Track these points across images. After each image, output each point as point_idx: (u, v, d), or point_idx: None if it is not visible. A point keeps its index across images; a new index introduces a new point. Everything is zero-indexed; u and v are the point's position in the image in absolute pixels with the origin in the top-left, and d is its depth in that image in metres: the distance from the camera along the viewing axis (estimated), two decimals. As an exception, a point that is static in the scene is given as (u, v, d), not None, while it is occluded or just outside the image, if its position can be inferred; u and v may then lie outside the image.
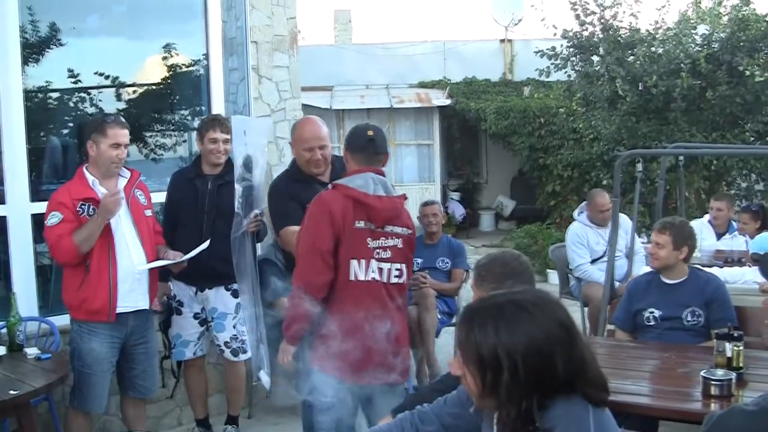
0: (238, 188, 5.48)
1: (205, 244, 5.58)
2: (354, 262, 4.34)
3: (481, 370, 2.30)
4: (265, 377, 5.65)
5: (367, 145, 4.53)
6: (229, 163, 5.92)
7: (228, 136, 5.84)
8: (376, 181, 4.42)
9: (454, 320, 7.51)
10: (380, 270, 4.40)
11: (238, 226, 5.50)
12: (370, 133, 4.56)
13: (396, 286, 4.48)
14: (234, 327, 5.97)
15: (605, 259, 7.29)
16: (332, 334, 4.35)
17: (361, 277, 4.36)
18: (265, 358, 5.70)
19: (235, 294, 5.94)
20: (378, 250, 4.40)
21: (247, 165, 5.49)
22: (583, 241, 8.31)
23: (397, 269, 4.46)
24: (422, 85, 19.49)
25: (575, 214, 8.68)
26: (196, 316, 6.03)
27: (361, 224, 4.35)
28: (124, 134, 5.17)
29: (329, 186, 4.51)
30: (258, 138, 5.60)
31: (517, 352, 2.24)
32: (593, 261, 8.23)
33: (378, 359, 4.33)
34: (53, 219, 5.00)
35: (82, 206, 5.05)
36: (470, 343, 2.32)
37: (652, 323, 5.44)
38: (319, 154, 5.31)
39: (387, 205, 4.40)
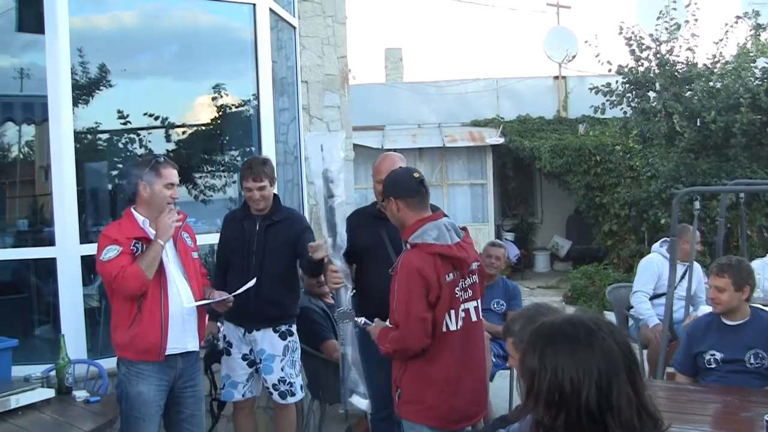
0: (324, 208, 5.30)
1: (252, 282, 5.59)
2: (446, 315, 4.47)
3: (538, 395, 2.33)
4: (361, 401, 5.39)
5: (419, 188, 4.59)
6: (277, 204, 5.97)
7: (263, 183, 5.82)
8: (448, 227, 4.53)
9: (508, 363, 7.45)
10: (467, 312, 4.56)
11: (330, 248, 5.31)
12: (417, 174, 4.62)
13: (480, 322, 4.70)
14: (282, 369, 5.96)
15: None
16: (428, 385, 4.51)
17: (453, 327, 4.49)
18: (361, 381, 5.45)
19: (283, 336, 5.96)
20: (462, 293, 4.54)
21: (330, 180, 5.28)
22: (655, 272, 8.17)
23: (479, 305, 4.68)
24: (475, 123, 19.47)
25: (656, 246, 8.56)
26: (244, 357, 6.04)
27: (450, 277, 4.47)
28: (175, 174, 5.26)
29: (408, 246, 4.53)
30: (335, 153, 5.35)
31: (579, 379, 2.25)
32: (658, 296, 8.07)
33: (469, 405, 4.61)
34: (111, 253, 4.99)
35: (136, 245, 5.07)
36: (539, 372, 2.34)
37: (713, 366, 5.34)
38: (378, 188, 5.32)
39: (468, 251, 4.56)
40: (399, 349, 4.44)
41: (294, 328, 6.05)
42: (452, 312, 4.47)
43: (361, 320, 5.07)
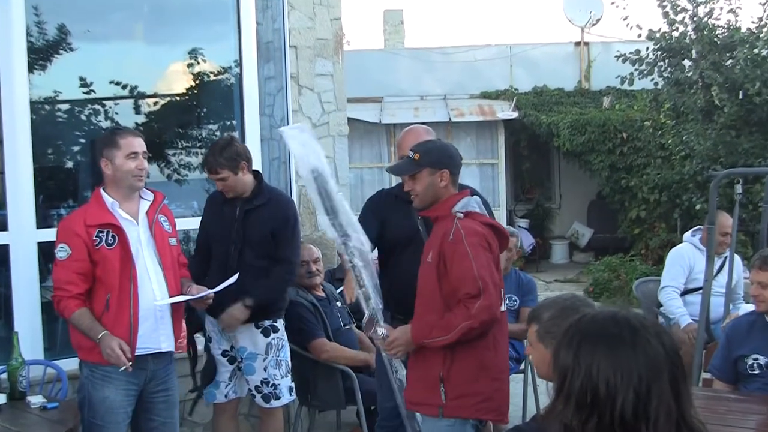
0: (335, 237, 4.95)
1: (233, 279, 5.55)
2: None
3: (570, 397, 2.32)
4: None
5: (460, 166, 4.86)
6: (260, 185, 5.94)
7: (221, 175, 5.76)
8: (482, 205, 4.76)
9: (522, 366, 7.43)
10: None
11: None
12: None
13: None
14: (265, 369, 5.93)
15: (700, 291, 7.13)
16: (482, 374, 4.51)
17: (502, 308, 4.60)
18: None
19: (266, 332, 5.92)
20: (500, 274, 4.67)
21: (321, 180, 4.93)
22: (685, 263, 8.13)
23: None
24: (485, 95, 19.46)
25: (687, 235, 8.54)
26: (224, 354, 6.02)
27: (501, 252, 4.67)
28: (138, 142, 5.16)
29: (459, 214, 4.56)
30: (313, 144, 5.05)
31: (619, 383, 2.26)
32: (690, 291, 8.04)
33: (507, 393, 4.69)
34: (61, 253, 5.00)
35: (100, 234, 5.01)
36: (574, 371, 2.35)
37: (757, 372, 5.32)
38: None
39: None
40: (487, 320, 4.33)
41: (279, 324, 6.01)
42: (501, 291, 4.54)
43: (381, 332, 4.87)
